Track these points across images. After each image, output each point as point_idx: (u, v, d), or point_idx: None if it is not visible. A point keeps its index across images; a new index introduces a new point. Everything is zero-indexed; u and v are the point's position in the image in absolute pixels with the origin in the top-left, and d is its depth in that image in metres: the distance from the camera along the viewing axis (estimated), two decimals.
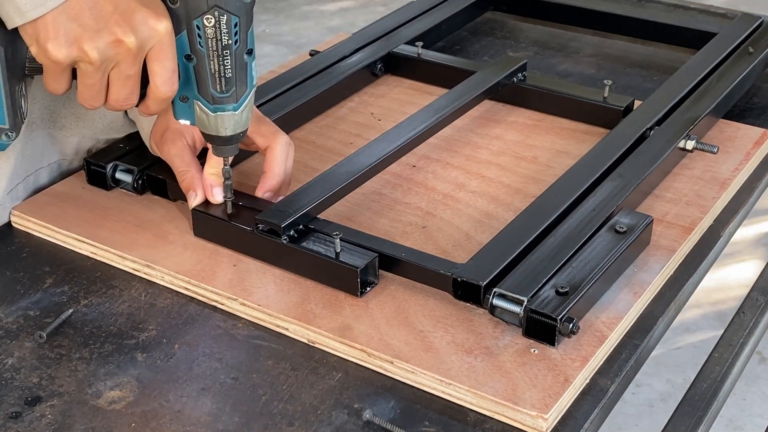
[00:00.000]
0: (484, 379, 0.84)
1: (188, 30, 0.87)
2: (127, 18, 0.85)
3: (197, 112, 0.92)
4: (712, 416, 0.88)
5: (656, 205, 1.08)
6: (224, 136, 0.93)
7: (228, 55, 0.88)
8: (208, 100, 0.91)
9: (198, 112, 0.92)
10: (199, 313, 0.94)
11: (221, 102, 0.91)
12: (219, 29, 0.87)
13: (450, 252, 1.00)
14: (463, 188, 1.11)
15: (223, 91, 0.90)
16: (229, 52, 0.88)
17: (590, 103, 1.24)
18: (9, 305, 0.95)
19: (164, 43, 0.87)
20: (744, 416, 2.11)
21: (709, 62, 1.31)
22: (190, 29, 0.87)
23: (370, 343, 0.88)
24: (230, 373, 0.87)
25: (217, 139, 0.94)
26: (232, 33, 0.87)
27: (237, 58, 0.89)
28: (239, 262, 0.99)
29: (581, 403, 0.84)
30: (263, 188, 1.02)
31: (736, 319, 0.99)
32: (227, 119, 0.92)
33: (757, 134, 1.22)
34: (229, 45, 0.87)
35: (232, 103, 0.91)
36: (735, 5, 1.87)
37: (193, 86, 0.91)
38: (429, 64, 1.34)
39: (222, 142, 0.94)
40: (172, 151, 1.02)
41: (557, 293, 0.88)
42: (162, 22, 0.86)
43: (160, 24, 0.86)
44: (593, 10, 1.53)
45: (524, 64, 1.29)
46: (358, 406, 0.83)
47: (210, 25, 0.86)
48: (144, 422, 0.82)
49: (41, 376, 0.86)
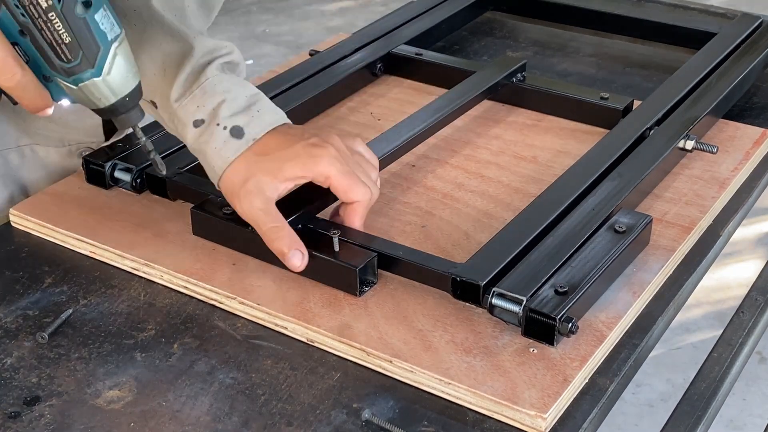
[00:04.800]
0: (483, 378, 0.84)
1: (5, 4, 0.76)
2: None
3: (65, 89, 0.81)
4: (711, 416, 0.88)
5: (656, 205, 1.08)
6: (107, 107, 0.82)
7: (55, 18, 0.76)
8: (62, 74, 0.79)
9: (65, 89, 0.81)
10: (198, 312, 0.94)
11: (74, 72, 0.79)
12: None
13: (449, 251, 1.00)
14: (462, 188, 1.11)
15: (70, 59, 0.78)
16: (55, 13, 0.75)
17: (590, 103, 1.24)
18: (8, 305, 0.95)
19: None
20: (744, 416, 2.12)
21: (708, 62, 1.31)
22: (5, 2, 0.76)
23: (369, 342, 0.88)
24: (229, 372, 0.87)
25: (104, 111, 0.83)
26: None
27: (67, 17, 0.76)
28: (238, 261, 0.99)
29: (580, 403, 0.83)
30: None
31: (735, 319, 0.99)
32: (94, 88, 0.80)
33: (757, 134, 1.22)
34: (51, 6, 0.75)
35: (89, 68, 0.79)
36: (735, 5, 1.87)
37: (42, 63, 0.80)
38: (428, 64, 1.35)
39: (111, 113, 0.83)
40: (256, 204, 0.94)
41: (556, 293, 0.88)
42: None
43: None
44: (593, 10, 1.53)
45: (524, 64, 1.29)
46: (357, 405, 0.83)
47: None
48: (143, 422, 0.82)
49: (40, 375, 0.86)
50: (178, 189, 1.05)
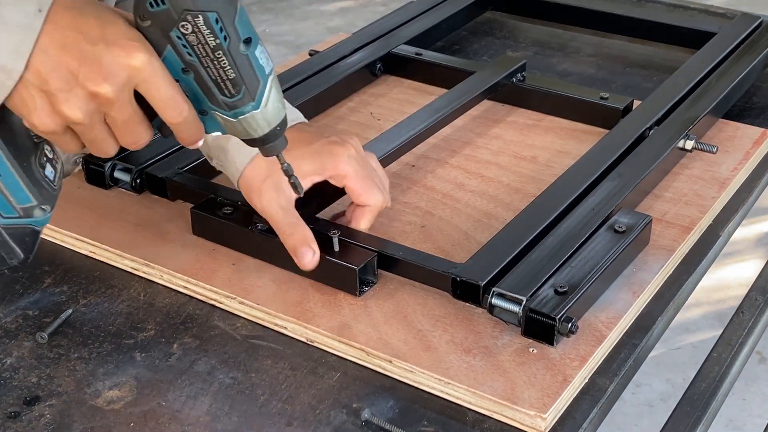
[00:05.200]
0: (483, 378, 0.84)
1: (171, 45, 0.78)
2: (96, 67, 0.75)
3: (221, 121, 0.84)
4: (711, 416, 0.88)
5: (655, 205, 1.07)
6: (260, 137, 0.84)
7: (222, 56, 0.78)
8: (223, 108, 0.81)
9: (221, 121, 0.84)
10: (198, 312, 0.94)
11: (236, 106, 0.81)
12: (200, 33, 0.77)
13: (449, 251, 1.00)
14: (462, 188, 1.11)
15: (233, 94, 0.80)
16: (222, 52, 0.78)
17: (590, 103, 1.24)
18: (8, 305, 0.95)
19: (147, 75, 0.77)
20: (744, 416, 2.11)
21: (708, 62, 1.31)
22: (172, 43, 0.78)
23: (368, 342, 0.88)
24: (229, 372, 0.87)
25: (254, 141, 0.85)
26: (216, 31, 0.77)
27: (233, 54, 0.78)
28: (238, 260, 0.99)
29: (580, 403, 0.83)
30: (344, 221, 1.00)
31: (735, 319, 0.99)
32: (253, 120, 0.83)
33: (757, 134, 1.22)
34: (218, 45, 0.77)
35: (250, 102, 0.81)
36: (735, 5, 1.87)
37: (203, 99, 0.82)
38: (428, 64, 1.35)
39: (262, 142, 0.84)
40: (275, 201, 0.94)
41: (556, 293, 0.88)
42: (136, 56, 0.76)
43: (135, 58, 0.76)
44: (593, 10, 1.53)
45: (523, 64, 1.29)
46: (356, 405, 0.83)
47: (189, 32, 0.77)
48: (143, 422, 0.82)
49: (40, 375, 0.86)
50: (177, 189, 1.05)
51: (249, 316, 0.93)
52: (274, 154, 0.86)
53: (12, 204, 0.81)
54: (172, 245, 1.01)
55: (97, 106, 0.77)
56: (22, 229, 0.83)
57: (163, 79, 0.78)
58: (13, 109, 0.77)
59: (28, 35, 0.73)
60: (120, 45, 0.76)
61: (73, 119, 0.77)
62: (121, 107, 0.78)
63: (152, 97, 0.79)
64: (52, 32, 0.74)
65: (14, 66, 0.74)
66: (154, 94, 0.78)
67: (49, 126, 0.77)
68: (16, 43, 0.73)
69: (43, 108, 0.76)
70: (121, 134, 0.80)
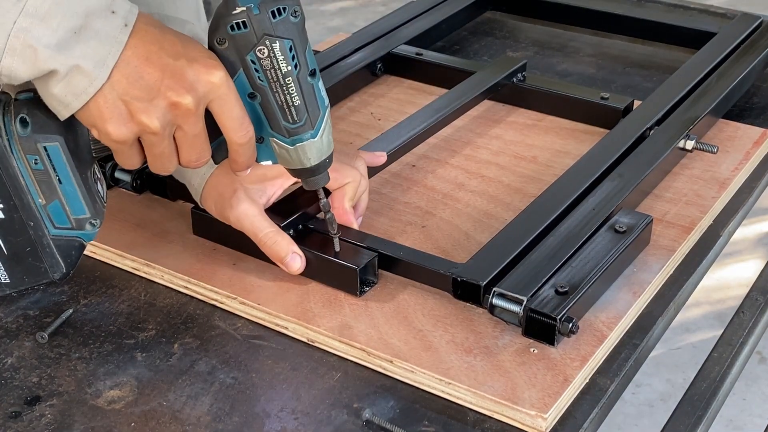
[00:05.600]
0: (484, 378, 0.84)
1: (244, 68, 0.82)
2: (178, 79, 0.79)
3: (276, 149, 0.87)
4: (711, 416, 0.88)
5: (656, 205, 1.08)
6: (310, 167, 0.88)
7: (291, 83, 0.83)
8: (283, 134, 0.85)
9: (277, 149, 0.87)
10: (199, 312, 0.94)
11: (297, 132, 0.85)
12: (275, 58, 0.81)
13: (449, 251, 1.00)
14: (462, 188, 1.11)
15: (296, 120, 0.84)
16: (291, 78, 0.82)
17: (590, 103, 1.24)
18: (9, 305, 0.95)
19: (223, 93, 0.81)
20: (744, 416, 2.11)
21: (708, 62, 1.31)
22: (246, 66, 0.82)
23: (369, 342, 0.88)
24: (230, 372, 0.87)
25: (304, 171, 0.88)
26: (289, 58, 0.82)
27: (301, 83, 0.83)
28: (239, 260, 0.99)
29: (580, 403, 0.83)
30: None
31: (735, 319, 0.99)
32: (308, 148, 0.86)
33: (757, 134, 1.22)
34: (289, 72, 0.82)
35: (309, 130, 0.85)
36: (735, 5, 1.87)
37: (264, 124, 0.85)
38: (429, 64, 1.35)
39: (310, 174, 0.88)
40: (250, 212, 0.95)
41: (557, 293, 0.88)
42: (215, 73, 0.80)
43: (214, 75, 0.80)
44: (593, 10, 1.53)
45: (524, 64, 1.29)
46: (357, 405, 0.83)
47: (264, 57, 0.81)
48: (143, 422, 0.82)
49: (41, 375, 0.86)
50: (178, 189, 1.05)
51: (249, 316, 0.93)
52: (317, 188, 0.91)
53: (67, 214, 0.82)
54: (173, 245, 1.01)
55: (174, 117, 0.80)
56: (70, 242, 0.84)
57: (236, 99, 0.82)
58: (86, 117, 0.79)
59: (114, 47, 0.77)
60: (201, 62, 0.80)
61: (150, 128, 0.79)
62: (196, 121, 0.81)
63: (223, 114, 0.82)
64: (135, 46, 0.78)
65: (98, 74, 0.76)
66: (225, 112, 0.82)
67: (123, 134, 0.79)
68: (104, 54, 0.76)
69: (121, 116, 0.79)
70: (187, 150, 0.83)
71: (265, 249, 0.95)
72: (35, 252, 0.82)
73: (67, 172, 0.81)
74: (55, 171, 0.81)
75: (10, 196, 0.80)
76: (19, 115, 0.79)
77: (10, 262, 0.82)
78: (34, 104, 0.80)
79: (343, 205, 0.98)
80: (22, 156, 0.79)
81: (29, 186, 0.80)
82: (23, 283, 0.83)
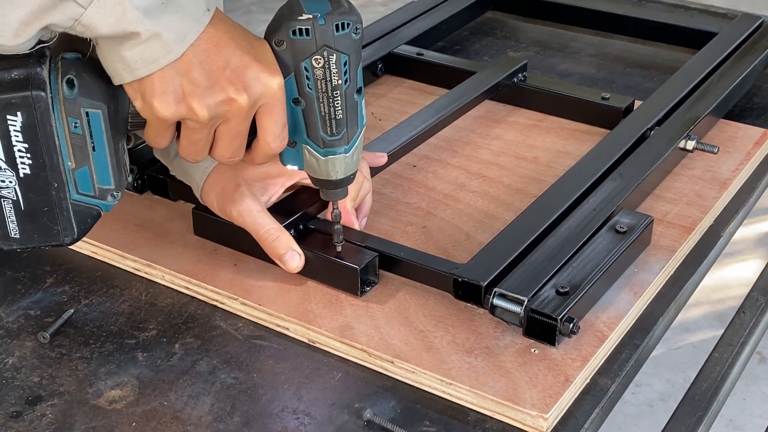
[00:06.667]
0: (485, 378, 0.84)
1: (296, 72, 0.83)
2: (240, 74, 0.79)
3: (306, 156, 0.87)
4: (712, 416, 0.88)
5: (657, 205, 1.08)
6: (335, 180, 0.89)
7: (338, 96, 0.83)
8: (318, 144, 0.86)
9: (307, 156, 0.87)
10: (200, 313, 0.94)
11: (332, 145, 0.86)
12: (328, 69, 0.82)
13: (450, 252, 1.00)
14: (463, 188, 1.11)
15: (334, 133, 0.85)
16: (339, 92, 0.83)
17: (591, 103, 1.24)
18: (10, 305, 0.95)
19: (276, 99, 0.82)
20: (744, 416, 2.11)
21: (709, 62, 1.31)
22: (298, 72, 0.82)
23: (370, 342, 0.88)
24: (231, 372, 0.87)
25: (327, 183, 0.89)
26: (341, 72, 0.83)
27: (347, 98, 0.84)
28: (240, 261, 0.99)
29: (581, 403, 0.84)
30: None
31: (736, 319, 0.99)
32: (338, 162, 0.87)
33: (758, 134, 1.22)
34: (338, 85, 0.83)
35: (344, 145, 0.86)
36: (735, 5, 1.87)
37: (301, 130, 0.86)
38: (429, 64, 1.35)
39: (333, 186, 0.89)
40: (252, 208, 0.94)
41: (557, 293, 0.88)
42: (276, 78, 0.81)
43: (274, 80, 0.81)
44: (593, 10, 1.53)
45: (524, 64, 1.29)
46: (358, 405, 0.83)
47: (319, 66, 0.82)
48: (144, 422, 0.82)
49: (42, 375, 0.86)
50: (179, 189, 1.05)
51: (250, 316, 0.93)
52: (335, 200, 0.91)
53: (93, 182, 0.82)
54: (174, 246, 1.01)
55: (225, 111, 0.80)
56: (89, 209, 0.83)
57: (284, 108, 0.83)
58: (139, 87, 0.79)
59: (196, 26, 0.78)
60: (264, 63, 0.81)
61: (197, 116, 0.80)
62: (243, 120, 0.82)
63: (268, 120, 0.83)
64: (210, 31, 0.79)
65: (175, 48, 0.77)
66: (272, 118, 0.83)
67: (168, 112, 0.79)
68: (185, 30, 0.77)
69: (174, 94, 0.79)
70: (225, 145, 0.84)
71: (265, 246, 0.94)
72: (52, 213, 0.82)
73: (102, 141, 0.81)
74: (91, 137, 0.80)
75: (41, 154, 0.79)
76: (66, 76, 0.78)
77: (25, 218, 0.81)
78: (81, 66, 0.79)
79: (345, 205, 0.98)
80: (63, 117, 0.79)
81: (62, 148, 0.80)
82: (32, 242, 0.83)
